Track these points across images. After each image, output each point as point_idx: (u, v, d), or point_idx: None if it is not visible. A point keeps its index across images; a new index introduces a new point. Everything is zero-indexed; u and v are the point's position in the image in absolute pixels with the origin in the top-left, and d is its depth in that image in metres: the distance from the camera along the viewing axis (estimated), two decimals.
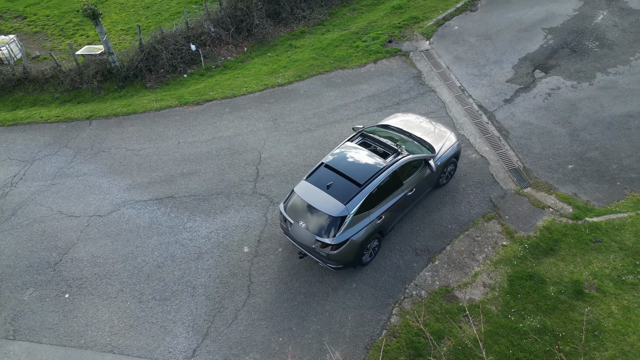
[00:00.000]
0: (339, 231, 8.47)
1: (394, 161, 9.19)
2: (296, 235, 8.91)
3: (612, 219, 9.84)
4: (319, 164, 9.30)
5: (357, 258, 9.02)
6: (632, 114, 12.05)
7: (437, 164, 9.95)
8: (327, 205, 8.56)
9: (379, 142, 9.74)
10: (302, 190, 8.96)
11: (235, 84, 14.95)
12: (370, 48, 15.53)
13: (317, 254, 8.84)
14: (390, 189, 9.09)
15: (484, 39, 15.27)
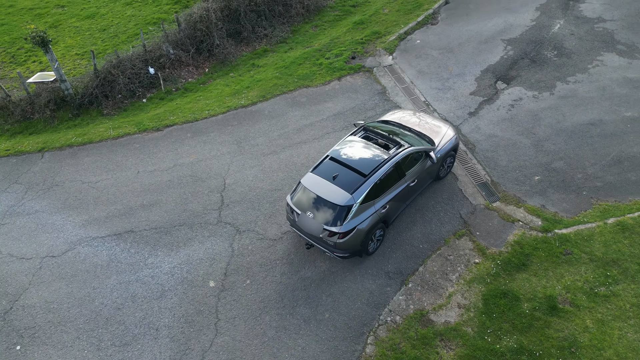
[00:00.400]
0: (346, 220, 8.76)
1: (396, 153, 9.52)
2: (303, 225, 9.15)
3: (581, 230, 9.83)
4: (324, 157, 9.60)
5: (363, 247, 9.28)
6: (593, 122, 12.20)
7: (437, 156, 10.28)
8: (333, 195, 8.86)
9: (381, 136, 10.05)
10: (308, 181, 9.23)
11: (197, 106, 14.49)
12: (333, 65, 15.36)
13: (324, 244, 9.10)
14: (393, 179, 9.42)
15: (446, 52, 15.33)
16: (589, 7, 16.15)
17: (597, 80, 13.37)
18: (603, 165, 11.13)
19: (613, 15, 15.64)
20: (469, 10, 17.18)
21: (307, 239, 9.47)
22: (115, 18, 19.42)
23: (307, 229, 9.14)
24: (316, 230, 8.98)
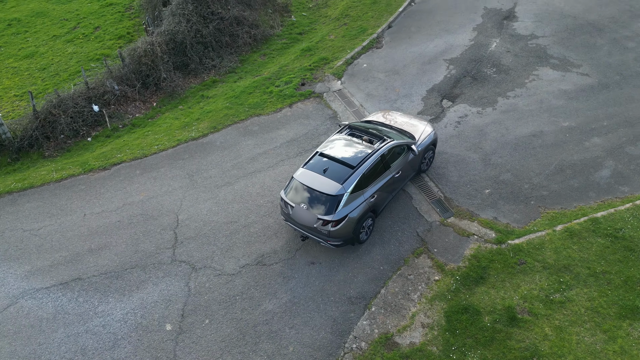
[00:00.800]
0: (338, 208, 9.35)
1: (381, 146, 10.20)
2: (298, 217, 9.71)
3: (532, 239, 10.12)
4: (314, 153, 10.25)
5: (355, 235, 9.80)
6: (535, 133, 12.76)
7: (419, 150, 11.04)
8: (325, 186, 9.48)
9: (366, 132, 10.70)
10: (301, 176, 9.85)
11: (146, 142, 14.10)
12: (284, 92, 15.42)
13: (318, 233, 9.63)
14: (379, 171, 10.09)
15: (392, 74, 15.74)
16: (521, 26, 17.10)
17: (535, 94, 14.05)
18: (547, 175, 11.60)
19: (544, 31, 16.62)
20: (411, 33, 17.81)
21: (302, 231, 9.99)
22: (56, 56, 18.81)
23: (301, 220, 9.69)
24: (310, 220, 9.52)
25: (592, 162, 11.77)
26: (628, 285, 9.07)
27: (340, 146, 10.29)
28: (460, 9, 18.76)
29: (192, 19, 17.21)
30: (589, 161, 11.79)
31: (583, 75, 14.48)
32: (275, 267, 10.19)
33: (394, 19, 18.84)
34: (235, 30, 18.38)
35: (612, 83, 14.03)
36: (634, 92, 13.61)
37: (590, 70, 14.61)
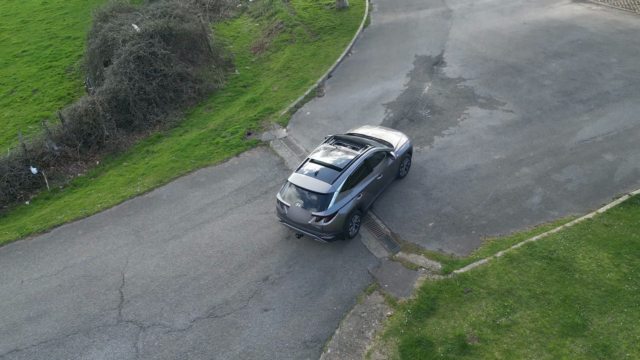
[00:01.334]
0: (329, 205, 10.61)
1: (364, 152, 11.64)
2: (293, 216, 10.87)
3: (476, 267, 10.54)
4: (305, 160, 11.65)
5: (345, 229, 10.99)
6: (470, 167, 13.56)
7: (397, 156, 12.55)
8: (317, 186, 10.78)
9: (350, 142, 12.18)
10: (295, 179, 11.14)
11: (88, 201, 13.72)
12: (230, 143, 15.64)
13: (312, 229, 10.78)
14: (364, 173, 11.46)
15: (334, 120, 16.41)
16: (450, 70, 18.50)
17: (467, 131, 15.05)
18: (484, 205, 12.27)
19: (470, 74, 18.05)
20: (350, 81, 18.80)
21: (297, 229, 11.11)
22: None
23: (296, 218, 10.86)
24: (305, 217, 10.70)
25: (523, 190, 12.60)
26: (567, 304, 9.56)
27: (328, 153, 11.74)
28: (393, 57, 20.10)
29: (135, 77, 17.37)
30: (521, 190, 12.62)
31: (508, 111, 15.73)
32: (228, 317, 9.97)
33: (333, 69, 19.86)
34: (179, 85, 18.68)
35: (534, 117, 15.30)
36: (554, 125, 14.88)
37: (514, 107, 15.90)
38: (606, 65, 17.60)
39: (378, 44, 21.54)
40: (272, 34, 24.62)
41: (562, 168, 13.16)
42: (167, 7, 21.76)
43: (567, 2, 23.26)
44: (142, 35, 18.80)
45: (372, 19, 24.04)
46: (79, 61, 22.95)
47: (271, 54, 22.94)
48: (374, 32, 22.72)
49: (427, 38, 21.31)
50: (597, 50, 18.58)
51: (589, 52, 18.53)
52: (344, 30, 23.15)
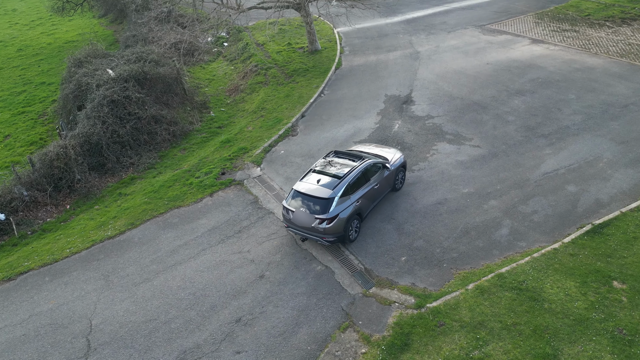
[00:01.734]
0: (331, 208, 11.63)
1: (362, 163, 12.81)
2: (298, 220, 11.88)
3: (448, 300, 10.61)
4: (308, 170, 12.81)
5: (345, 232, 11.99)
6: (440, 201, 13.86)
7: (392, 169, 13.64)
8: (320, 192, 11.88)
9: (349, 155, 13.35)
10: (299, 186, 12.21)
11: (57, 246, 13.43)
12: (204, 183, 15.68)
13: (316, 232, 11.74)
14: (362, 182, 12.55)
15: (308, 158, 16.67)
16: (418, 108, 19.17)
17: (436, 166, 15.47)
18: (455, 238, 12.48)
19: (438, 112, 18.72)
20: (323, 120, 19.26)
21: (302, 233, 12.07)
22: None
23: (300, 222, 11.87)
24: (309, 221, 11.71)
25: (492, 222, 12.89)
26: (537, 334, 9.65)
27: (329, 164, 12.95)
28: (364, 97, 20.76)
29: (108, 120, 17.47)
30: (489, 222, 12.91)
31: (475, 147, 16.28)
32: None
33: (307, 109, 20.36)
34: (154, 128, 18.82)
35: (499, 152, 15.87)
36: (518, 158, 15.44)
37: (480, 142, 16.48)
38: (565, 101, 18.53)
39: (350, 84, 22.26)
40: (247, 77, 25.23)
41: (528, 200, 13.57)
42: (142, 52, 22.19)
43: (527, 43, 24.63)
44: (116, 79, 19.04)
45: (344, 61, 24.93)
46: (52, 106, 22.98)
47: (246, 95, 23.43)
48: (346, 74, 23.51)
49: (396, 78, 22.14)
50: (556, 88, 19.58)
51: (549, 89, 19.51)
52: (316, 72, 23.90)
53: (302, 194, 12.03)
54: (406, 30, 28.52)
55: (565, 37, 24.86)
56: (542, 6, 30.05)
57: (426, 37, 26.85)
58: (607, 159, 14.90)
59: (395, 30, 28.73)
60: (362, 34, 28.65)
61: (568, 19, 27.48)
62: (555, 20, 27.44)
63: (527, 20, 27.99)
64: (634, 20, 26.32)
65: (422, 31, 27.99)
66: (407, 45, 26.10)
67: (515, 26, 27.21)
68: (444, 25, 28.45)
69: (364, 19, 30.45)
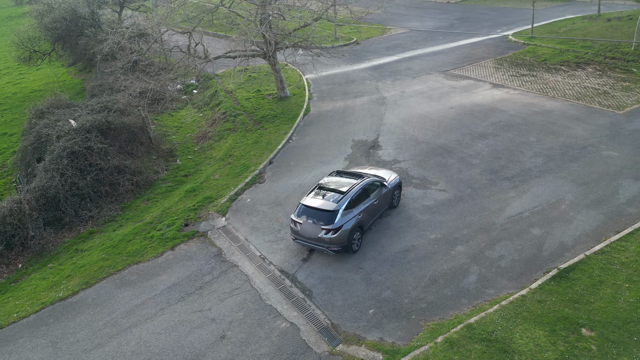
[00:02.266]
0: (336, 220, 12.80)
1: (362, 180, 14.18)
2: (305, 231, 13.02)
3: (417, 355, 10.19)
4: (314, 187, 14.25)
5: (349, 243, 13.06)
6: (407, 248, 13.67)
7: (389, 187, 14.98)
8: (325, 205, 13.16)
9: (350, 174, 14.82)
10: (306, 201, 13.48)
11: (4, 310, 12.53)
12: (166, 236, 15.12)
13: (322, 242, 12.87)
14: (363, 198, 13.82)
15: (275, 206, 16.38)
16: (385, 153, 19.30)
17: (403, 212, 15.38)
18: (423, 287, 12.21)
19: (404, 156, 18.87)
20: (291, 166, 19.14)
21: (309, 244, 13.24)
22: None
23: (307, 233, 13.04)
24: (315, 232, 12.90)
25: (459, 269, 12.71)
26: None
27: (333, 182, 14.29)
28: (332, 142, 20.85)
29: (68, 172, 16.90)
30: (457, 269, 12.73)
31: (441, 191, 16.34)
32: None
33: (275, 156, 20.25)
34: (116, 179, 18.30)
35: (465, 196, 15.94)
36: (484, 202, 15.52)
37: (446, 186, 16.57)
38: (526, 144, 18.98)
39: (318, 130, 22.39)
40: (215, 124, 25.15)
41: (495, 244, 13.50)
42: (107, 102, 21.93)
43: (488, 88, 25.50)
44: (78, 130, 18.62)
45: (312, 107, 25.20)
46: (12, 158, 22.25)
47: (214, 142, 23.25)
48: (314, 120, 23.70)
49: (363, 123, 22.41)
50: (517, 131, 20.11)
51: (511, 133, 20.01)
52: (285, 118, 24.03)
53: (309, 207, 13.26)
54: (373, 76, 29.24)
55: (524, 82, 25.88)
56: (501, 52, 31.44)
57: (392, 83, 27.54)
58: (569, 201, 15.11)
59: (362, 76, 29.43)
60: (330, 80, 29.22)
61: (526, 64, 28.75)
62: (514, 66, 28.64)
63: (487, 65, 29.14)
64: (587, 64, 27.71)
65: (388, 77, 28.75)
66: (373, 91, 26.67)
67: (477, 71, 28.26)
68: (409, 71, 29.33)
69: (332, 66, 31.19)
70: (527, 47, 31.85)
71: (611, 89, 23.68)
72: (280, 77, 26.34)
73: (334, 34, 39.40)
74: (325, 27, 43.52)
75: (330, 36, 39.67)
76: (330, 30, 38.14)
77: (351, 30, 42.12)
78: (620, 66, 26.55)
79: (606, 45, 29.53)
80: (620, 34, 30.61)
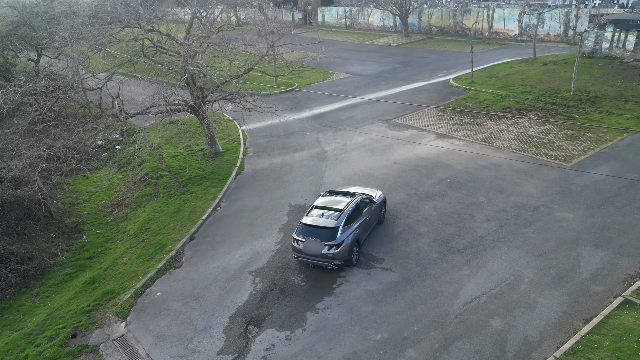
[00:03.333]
0: (337, 235, 13.60)
1: (355, 198, 14.87)
2: (308, 249, 13.69)
3: None
4: (310, 207, 14.72)
5: (350, 257, 13.86)
6: (348, 356, 11.20)
7: (378, 202, 15.88)
8: (326, 223, 13.88)
9: (341, 193, 15.41)
10: (307, 220, 14.08)
11: None
12: (44, 355, 11.86)
13: (325, 258, 13.58)
14: (357, 214, 14.53)
15: (190, 301, 13.54)
16: None
17: (344, 301, 13.01)
18: None
19: None
20: (215, 243, 16.44)
21: (311, 260, 13.77)
22: None
23: (311, 251, 13.58)
24: (318, 248, 13.47)
25: None
26: None
27: (328, 201, 14.95)
28: (266, 208, 18.42)
29: None
30: None
31: (386, 270, 14.16)
32: None
33: (198, 229, 17.50)
34: None
35: (414, 276, 13.82)
36: (435, 284, 13.44)
37: (392, 264, 14.41)
38: (476, 205, 17.36)
39: (251, 193, 19.93)
40: (134, 188, 22.12)
41: (451, 344, 11.31)
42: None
43: (433, 138, 24.19)
44: None
45: (246, 165, 22.82)
46: None
47: (130, 211, 20.19)
48: (248, 180, 21.27)
49: (302, 184, 20.21)
50: (466, 189, 18.53)
51: (459, 192, 18.39)
52: (214, 179, 21.45)
53: (311, 226, 13.85)
54: (313, 127, 27.43)
55: (468, 130, 24.82)
56: (444, 98, 30.70)
57: (333, 135, 25.77)
58: (529, 278, 13.32)
59: (302, 127, 27.54)
60: (269, 132, 27.09)
61: (469, 111, 27.95)
62: (457, 113, 27.75)
63: (430, 113, 28.10)
64: (529, 110, 27.24)
65: (329, 127, 27.02)
66: (314, 143, 24.73)
67: (420, 120, 27.08)
68: (351, 121, 27.76)
69: (271, 116, 29.23)
70: (469, 92, 31.35)
71: (555, 137, 22.94)
72: (210, 133, 23.85)
73: (274, 81, 37.79)
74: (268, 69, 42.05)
75: (271, 81, 38.03)
76: (271, 74, 36.41)
77: (293, 76, 40.77)
78: (562, 112, 26.19)
79: (545, 90, 29.42)
80: (557, 79, 30.76)
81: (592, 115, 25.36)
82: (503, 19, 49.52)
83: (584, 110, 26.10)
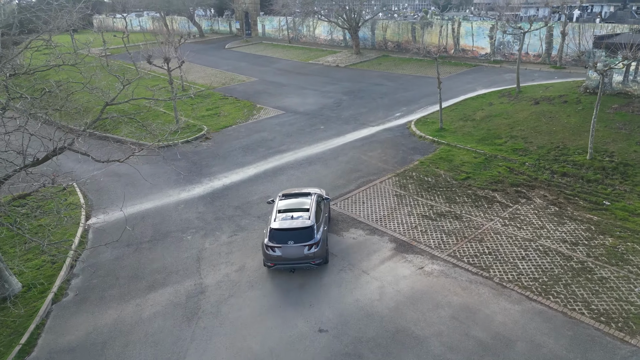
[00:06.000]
0: (314, 234, 13.28)
1: (314, 196, 14.84)
2: (288, 253, 13.06)
3: None
4: (275, 212, 14.03)
5: (326, 254, 13.68)
6: None
7: (328, 199, 15.85)
8: (302, 223, 13.40)
9: (297, 195, 15.20)
10: (278, 225, 13.40)
11: None
12: None
13: (305, 259, 13.16)
14: (319, 210, 14.44)
15: None
16: None
17: None
18: None
19: None
20: None
21: (290, 264, 13.28)
22: None
23: (291, 254, 13.09)
24: (299, 252, 13.06)
25: None
26: None
27: (288, 203, 14.46)
28: None
29: None
30: None
31: None
32: None
33: None
34: None
35: None
36: None
37: None
38: None
39: None
40: None
41: None
42: None
43: (389, 254, 14.62)
44: None
45: (47, 331, 12.42)
46: None
47: None
48: None
49: None
50: None
51: None
52: None
53: (285, 229, 13.13)
54: (203, 219, 17.33)
55: (445, 234, 15.40)
56: (404, 159, 21.27)
57: (229, 241, 15.75)
58: None
59: (185, 219, 17.38)
60: (127, 234, 16.44)
61: (441, 186, 18.58)
62: (424, 190, 18.29)
63: (385, 189, 18.50)
64: (531, 187, 18.18)
65: (226, 222, 16.98)
66: (190, 266, 14.62)
67: (370, 205, 17.45)
68: (263, 207, 17.78)
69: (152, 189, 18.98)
70: (439, 148, 22.07)
71: (590, 253, 13.79)
72: None
73: (176, 123, 27.41)
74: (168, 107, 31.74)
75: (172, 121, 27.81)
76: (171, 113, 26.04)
77: (208, 112, 30.69)
78: (581, 192, 17.18)
79: (547, 148, 20.50)
80: (560, 128, 21.94)
81: (629, 198, 16.44)
82: (471, 34, 41.03)
83: (613, 188, 17.18)
